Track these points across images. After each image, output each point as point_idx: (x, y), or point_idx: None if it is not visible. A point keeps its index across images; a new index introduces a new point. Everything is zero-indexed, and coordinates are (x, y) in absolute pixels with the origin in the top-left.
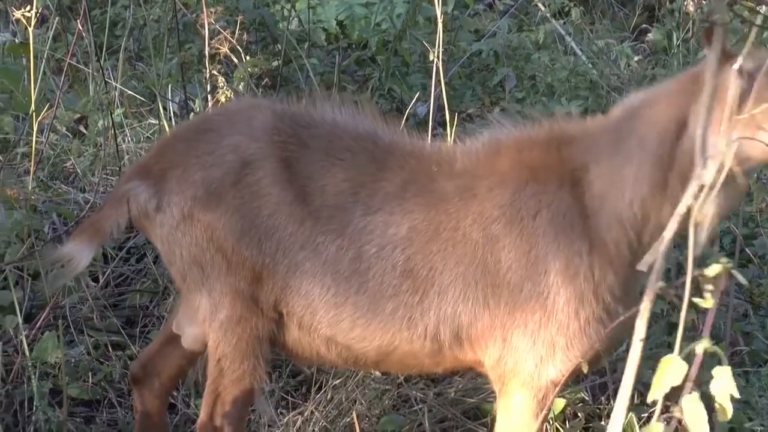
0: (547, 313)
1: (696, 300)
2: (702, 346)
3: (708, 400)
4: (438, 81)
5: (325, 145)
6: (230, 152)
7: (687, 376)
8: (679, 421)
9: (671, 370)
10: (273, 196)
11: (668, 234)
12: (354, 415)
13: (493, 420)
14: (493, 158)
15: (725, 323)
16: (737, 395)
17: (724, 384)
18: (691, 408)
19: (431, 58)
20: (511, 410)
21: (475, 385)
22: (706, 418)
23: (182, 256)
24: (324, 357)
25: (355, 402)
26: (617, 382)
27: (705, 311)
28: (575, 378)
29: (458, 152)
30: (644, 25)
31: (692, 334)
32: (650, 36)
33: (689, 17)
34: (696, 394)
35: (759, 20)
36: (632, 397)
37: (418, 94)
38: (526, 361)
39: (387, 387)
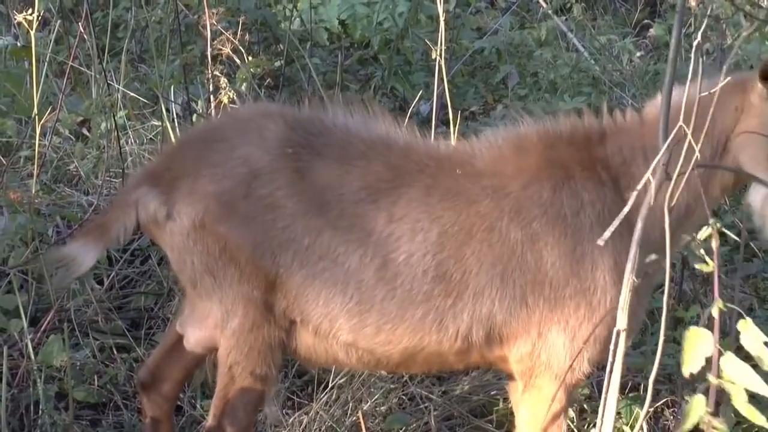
0: (592, 309)
1: (698, 265)
2: (716, 308)
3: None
4: (441, 79)
5: (338, 153)
6: (241, 165)
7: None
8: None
9: (699, 341)
10: (287, 209)
11: (639, 223)
12: (360, 414)
13: (510, 416)
14: (518, 155)
15: (731, 318)
16: None
17: (753, 334)
18: (733, 364)
19: (434, 56)
20: (540, 403)
21: (481, 383)
22: (751, 370)
23: (193, 264)
24: (342, 362)
25: (361, 401)
26: (624, 377)
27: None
28: None
29: (476, 151)
30: (646, 21)
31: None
32: (652, 31)
33: (691, 12)
34: (730, 353)
35: (762, 15)
36: (634, 388)
37: (420, 92)
38: (562, 356)
39: (393, 386)
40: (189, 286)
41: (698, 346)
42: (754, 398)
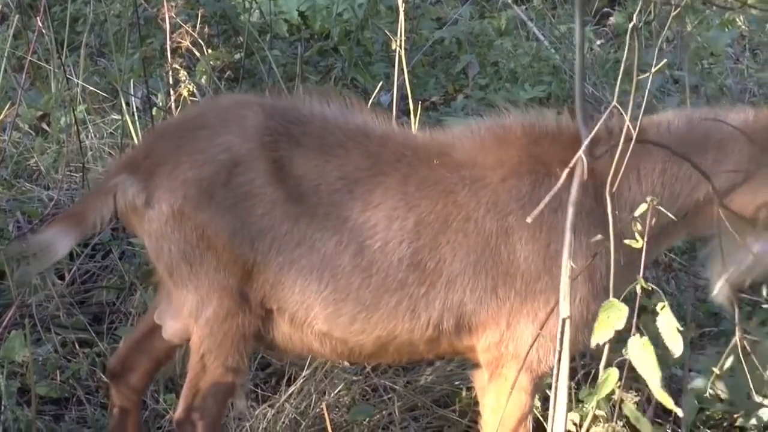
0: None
1: (627, 241)
2: (639, 284)
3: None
4: (401, 69)
5: (317, 142)
6: (222, 152)
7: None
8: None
9: (614, 314)
10: (266, 196)
11: (571, 208)
12: (324, 406)
13: (474, 405)
14: (500, 147)
15: (693, 305)
16: (680, 328)
17: (667, 319)
18: (637, 348)
19: (394, 46)
20: (506, 392)
21: (444, 373)
22: (653, 356)
23: (170, 252)
24: (316, 351)
25: (324, 393)
26: (586, 366)
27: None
28: None
29: (455, 141)
30: (606, 9)
31: None
32: (612, 20)
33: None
34: (640, 337)
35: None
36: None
37: (381, 83)
38: (529, 348)
39: (356, 377)
40: (166, 275)
41: (612, 318)
42: None
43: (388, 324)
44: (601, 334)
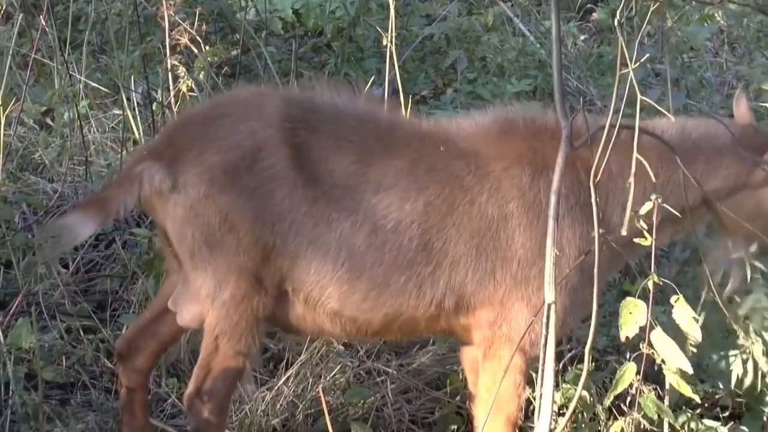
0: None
1: (636, 240)
2: (651, 281)
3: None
4: (392, 65)
5: (331, 128)
6: (246, 138)
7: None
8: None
9: (635, 310)
10: (287, 180)
11: (553, 198)
12: (319, 389)
13: (464, 388)
14: (503, 139)
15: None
16: (699, 319)
17: (683, 310)
18: (661, 340)
19: (385, 43)
20: (500, 371)
21: (436, 356)
22: (677, 346)
23: (194, 236)
24: (326, 330)
25: (320, 377)
26: (573, 350)
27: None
28: None
29: (459, 130)
30: (589, 5)
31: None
32: (595, 15)
33: None
34: (659, 329)
35: None
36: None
37: (373, 78)
38: (522, 330)
39: (350, 361)
40: (187, 258)
41: (635, 314)
42: None
43: (396, 302)
44: (629, 328)
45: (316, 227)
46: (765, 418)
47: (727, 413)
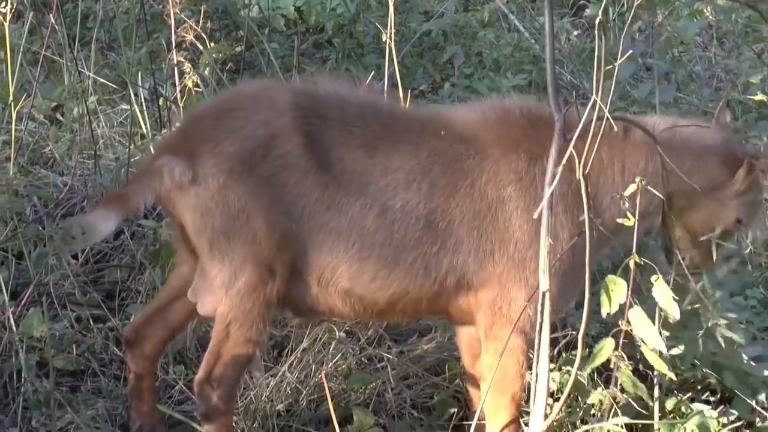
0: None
1: (619, 220)
2: (633, 260)
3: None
4: (391, 60)
5: (338, 116)
6: (260, 127)
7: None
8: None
9: (615, 288)
10: (300, 167)
11: (548, 189)
12: (322, 375)
13: (461, 374)
14: (501, 125)
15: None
16: (677, 298)
17: (662, 289)
18: (638, 319)
19: (384, 39)
20: (502, 351)
21: (435, 344)
22: (653, 325)
23: (213, 226)
24: (338, 310)
25: (323, 363)
26: (567, 336)
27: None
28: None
29: (458, 117)
30: (582, 2)
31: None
32: (587, 11)
33: None
34: (638, 308)
35: None
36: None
37: (372, 73)
38: (521, 310)
39: (351, 348)
40: (206, 248)
41: (615, 292)
42: None
43: (403, 281)
44: (610, 306)
45: (328, 211)
46: (754, 402)
47: (717, 397)
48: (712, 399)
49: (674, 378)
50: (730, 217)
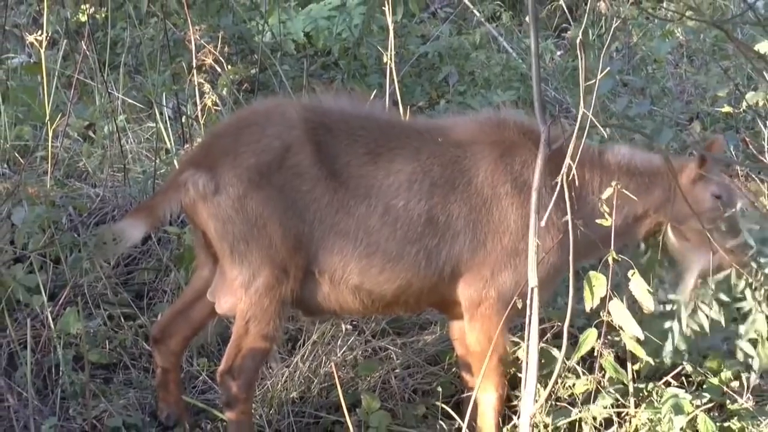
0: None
1: (598, 221)
2: (611, 257)
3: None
4: (392, 80)
5: (344, 127)
6: (275, 140)
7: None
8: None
9: (596, 282)
10: (311, 174)
11: (534, 194)
12: (332, 365)
13: (457, 366)
14: (497, 131)
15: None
16: (651, 290)
17: (638, 282)
18: (618, 310)
19: (385, 60)
20: (488, 328)
21: (434, 337)
22: (631, 316)
23: (234, 233)
24: (348, 306)
25: (332, 354)
26: (554, 327)
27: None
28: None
29: (455, 125)
30: (564, 25)
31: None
32: (569, 33)
33: (602, 15)
34: (618, 300)
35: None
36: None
37: (375, 91)
38: (509, 293)
39: (358, 340)
40: (227, 252)
41: (597, 286)
42: None
43: (408, 272)
44: (592, 301)
45: (337, 213)
46: (724, 386)
47: (694, 386)
48: (686, 384)
49: (652, 363)
50: (704, 196)
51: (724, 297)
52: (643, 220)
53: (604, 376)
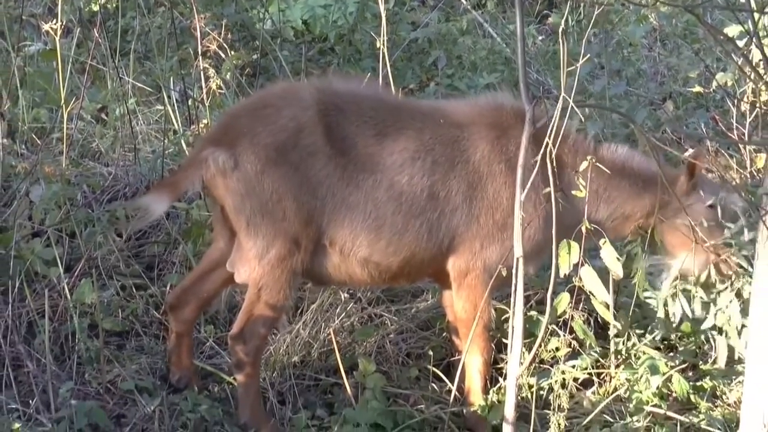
0: (525, 237)
1: (574, 192)
2: (584, 226)
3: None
4: (384, 64)
5: (353, 108)
6: (290, 120)
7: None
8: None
9: (570, 250)
10: (324, 153)
11: (520, 170)
12: (331, 331)
13: (448, 332)
14: (494, 115)
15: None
16: (621, 258)
17: (608, 251)
18: (588, 275)
19: (378, 45)
20: (474, 297)
21: (426, 304)
22: (600, 282)
23: (251, 206)
24: (356, 277)
25: (330, 321)
26: (537, 293)
27: None
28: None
29: (455, 108)
30: (545, 11)
31: None
32: (550, 20)
33: (582, 2)
34: (588, 266)
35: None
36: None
37: (369, 75)
38: (494, 265)
39: (354, 307)
40: (243, 225)
41: (570, 254)
42: None
43: (413, 244)
44: (565, 266)
45: (347, 188)
46: (696, 349)
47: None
48: (661, 346)
49: (619, 327)
50: (700, 208)
51: (704, 296)
52: (631, 221)
53: (575, 338)
